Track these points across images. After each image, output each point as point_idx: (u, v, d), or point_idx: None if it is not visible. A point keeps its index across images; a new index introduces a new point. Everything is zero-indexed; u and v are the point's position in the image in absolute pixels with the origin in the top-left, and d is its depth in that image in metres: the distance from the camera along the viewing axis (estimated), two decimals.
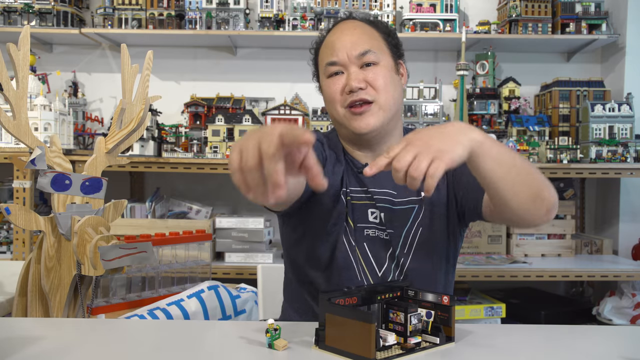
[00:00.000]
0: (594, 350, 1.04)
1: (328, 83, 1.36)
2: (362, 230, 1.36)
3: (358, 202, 1.37)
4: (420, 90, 3.04)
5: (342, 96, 1.34)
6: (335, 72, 1.35)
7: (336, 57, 1.34)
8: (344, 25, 1.40)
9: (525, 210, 1.16)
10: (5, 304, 1.61)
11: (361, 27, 1.38)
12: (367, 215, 1.37)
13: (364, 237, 1.36)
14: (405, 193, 1.38)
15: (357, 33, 1.36)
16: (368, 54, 1.33)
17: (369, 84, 1.32)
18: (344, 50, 1.33)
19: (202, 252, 1.97)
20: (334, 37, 1.37)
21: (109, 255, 1.45)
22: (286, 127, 0.79)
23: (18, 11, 3.01)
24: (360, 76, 1.32)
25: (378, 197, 1.37)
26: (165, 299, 1.60)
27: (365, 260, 1.35)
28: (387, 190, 1.38)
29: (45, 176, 1.51)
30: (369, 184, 1.38)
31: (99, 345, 1.03)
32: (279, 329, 0.99)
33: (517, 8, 3.04)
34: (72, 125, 2.86)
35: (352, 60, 1.33)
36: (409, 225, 1.36)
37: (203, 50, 3.31)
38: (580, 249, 3.04)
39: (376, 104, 1.32)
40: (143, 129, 1.74)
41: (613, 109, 2.84)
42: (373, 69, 1.33)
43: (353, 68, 1.33)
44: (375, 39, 1.37)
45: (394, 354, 0.96)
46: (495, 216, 1.28)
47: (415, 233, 1.36)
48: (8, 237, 2.74)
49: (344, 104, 1.33)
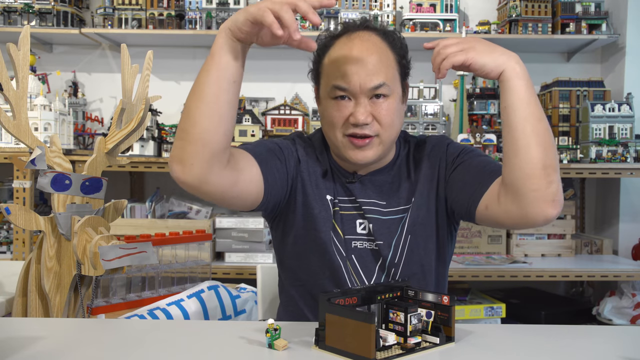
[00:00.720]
0: (594, 350, 1.04)
1: (332, 105, 1.28)
2: (350, 242, 1.34)
3: (346, 213, 1.35)
4: (420, 90, 3.04)
5: (344, 124, 1.27)
6: (342, 95, 1.26)
7: (347, 84, 1.25)
8: (358, 42, 1.27)
9: (533, 178, 1.11)
10: (5, 304, 1.61)
11: (378, 47, 1.28)
12: (355, 226, 1.34)
13: (352, 249, 1.34)
14: (394, 203, 1.35)
15: (373, 60, 1.25)
16: (381, 88, 1.25)
17: (375, 118, 1.26)
18: (357, 79, 1.24)
19: (202, 252, 1.97)
20: (347, 56, 1.25)
21: (109, 255, 1.45)
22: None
23: (18, 11, 3.01)
24: (369, 109, 1.25)
25: (366, 208, 1.34)
26: (165, 299, 1.60)
27: (355, 272, 1.33)
28: (375, 200, 1.35)
29: (45, 176, 1.51)
30: (357, 194, 1.35)
31: (99, 345, 1.03)
32: (279, 329, 0.99)
33: (517, 8, 3.04)
34: (72, 125, 2.86)
35: (363, 91, 1.24)
36: (398, 235, 1.33)
37: (203, 50, 3.31)
38: (580, 249, 3.04)
39: (378, 138, 1.27)
40: (143, 129, 1.74)
41: (613, 109, 2.84)
42: (382, 103, 1.26)
43: (363, 99, 1.25)
44: (390, 66, 1.29)
45: (394, 354, 0.96)
46: (493, 209, 1.20)
47: (404, 242, 1.33)
48: (8, 237, 2.74)
49: (344, 132, 1.27)
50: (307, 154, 1.38)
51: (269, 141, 1.35)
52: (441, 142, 1.39)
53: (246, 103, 3.16)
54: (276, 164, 1.29)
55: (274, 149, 1.32)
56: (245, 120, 2.89)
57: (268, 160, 1.27)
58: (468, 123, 2.96)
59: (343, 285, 1.32)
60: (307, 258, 1.36)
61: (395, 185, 1.36)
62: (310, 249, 1.35)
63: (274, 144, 1.34)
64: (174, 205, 3.01)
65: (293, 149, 1.36)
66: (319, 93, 1.35)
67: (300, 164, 1.35)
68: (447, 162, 1.35)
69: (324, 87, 1.31)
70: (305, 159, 1.36)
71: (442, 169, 1.35)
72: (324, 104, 1.32)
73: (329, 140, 1.35)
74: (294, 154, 1.35)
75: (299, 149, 1.37)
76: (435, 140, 1.41)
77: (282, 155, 1.32)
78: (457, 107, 2.97)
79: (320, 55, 1.33)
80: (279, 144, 1.34)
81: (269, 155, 1.29)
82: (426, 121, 3.02)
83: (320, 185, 1.35)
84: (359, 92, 1.25)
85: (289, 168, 1.32)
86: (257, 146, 1.30)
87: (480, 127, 3.03)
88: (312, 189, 1.35)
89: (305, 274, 1.38)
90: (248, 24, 1.06)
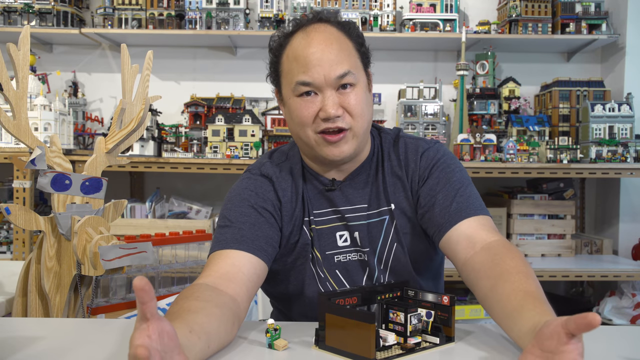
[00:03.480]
0: (594, 350, 1.04)
1: (298, 104, 1.21)
2: (332, 258, 1.28)
3: (325, 227, 1.28)
4: (420, 90, 3.04)
5: (314, 121, 1.20)
6: (307, 91, 1.19)
7: (311, 78, 1.18)
8: (315, 34, 1.20)
9: None
10: (5, 304, 1.61)
11: (336, 37, 1.21)
12: (335, 240, 1.28)
13: (334, 264, 1.28)
14: (376, 204, 1.29)
15: (334, 49, 1.19)
16: (347, 76, 1.19)
17: (345, 109, 1.19)
18: (321, 71, 1.17)
19: (202, 252, 1.97)
20: (307, 50, 1.18)
21: (109, 255, 1.45)
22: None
23: (18, 11, 3.01)
24: (337, 101, 1.19)
25: (350, 216, 1.28)
26: (165, 299, 1.60)
27: (340, 287, 1.27)
28: (359, 205, 1.29)
29: (45, 176, 1.51)
30: (338, 202, 1.29)
31: (99, 345, 1.03)
32: (279, 329, 0.99)
33: (517, 8, 3.04)
34: (72, 125, 2.86)
35: (329, 82, 1.18)
36: (382, 240, 1.28)
37: (203, 50, 3.31)
38: (580, 249, 3.04)
39: (351, 131, 1.21)
40: (143, 129, 1.74)
41: (613, 109, 2.85)
42: (350, 92, 1.20)
43: (329, 92, 1.18)
44: (351, 54, 1.22)
45: (394, 354, 0.96)
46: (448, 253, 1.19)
47: (390, 249, 1.28)
48: (8, 237, 2.74)
49: (316, 130, 1.20)
50: (282, 176, 1.30)
51: (247, 201, 1.25)
52: (415, 149, 1.31)
53: (246, 103, 3.16)
54: (264, 232, 1.21)
55: (257, 209, 1.24)
56: (245, 120, 2.89)
57: (257, 238, 1.19)
58: (468, 123, 2.96)
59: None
60: (285, 287, 1.32)
61: (375, 188, 1.31)
62: (287, 279, 1.30)
63: (252, 205, 1.24)
64: (174, 205, 3.01)
65: (269, 189, 1.28)
66: (282, 95, 1.27)
67: (282, 204, 1.28)
68: (420, 176, 1.28)
69: (287, 87, 1.23)
70: (283, 191, 1.28)
71: (414, 182, 1.28)
72: (288, 105, 1.24)
73: (300, 142, 1.26)
74: (272, 197, 1.27)
75: (273, 178, 1.29)
76: (411, 144, 1.33)
77: (266, 206, 1.25)
78: (457, 107, 2.97)
79: (277, 55, 1.26)
80: (260, 197, 1.26)
81: (255, 231, 1.20)
82: (426, 121, 3.02)
83: (295, 212, 1.28)
84: (325, 85, 1.18)
85: (275, 219, 1.26)
86: (241, 223, 1.21)
87: (480, 127, 3.03)
88: (287, 219, 1.28)
89: (283, 300, 1.36)
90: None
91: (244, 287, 1.11)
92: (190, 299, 0.98)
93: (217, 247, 1.18)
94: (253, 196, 1.26)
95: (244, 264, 1.14)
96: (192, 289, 1.03)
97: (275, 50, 1.26)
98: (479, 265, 1.08)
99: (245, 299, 1.10)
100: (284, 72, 1.24)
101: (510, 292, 0.96)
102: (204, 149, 2.96)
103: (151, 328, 0.72)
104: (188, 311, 0.93)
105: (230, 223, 1.22)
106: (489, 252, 1.09)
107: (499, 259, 1.05)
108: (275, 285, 1.33)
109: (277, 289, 1.35)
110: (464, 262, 1.13)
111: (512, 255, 1.05)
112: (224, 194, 1.37)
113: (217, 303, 0.99)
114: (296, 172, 1.31)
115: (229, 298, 1.04)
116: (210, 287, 1.05)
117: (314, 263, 1.28)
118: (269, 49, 1.29)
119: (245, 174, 1.32)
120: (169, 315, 0.93)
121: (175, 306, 0.97)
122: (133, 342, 0.70)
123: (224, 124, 2.90)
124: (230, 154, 2.84)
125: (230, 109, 3.04)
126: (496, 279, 1.01)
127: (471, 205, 1.19)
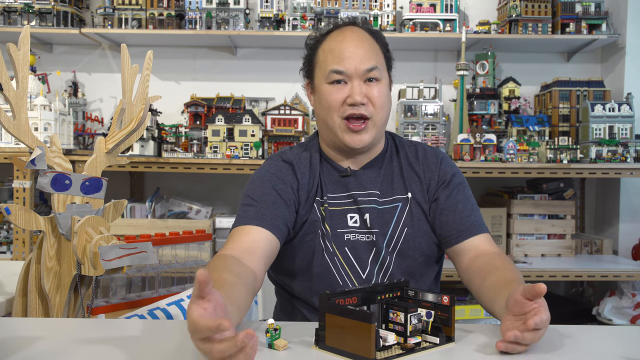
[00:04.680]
0: (594, 350, 1.04)
1: (329, 90, 1.36)
2: (342, 235, 1.38)
3: (337, 209, 1.39)
4: (420, 90, 3.04)
5: (342, 106, 1.35)
6: (338, 80, 1.35)
7: (344, 67, 1.34)
8: (349, 33, 1.39)
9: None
10: (5, 304, 1.61)
11: (367, 38, 1.39)
12: (346, 220, 1.38)
13: (344, 241, 1.37)
14: (389, 192, 1.42)
15: (365, 46, 1.36)
16: (374, 71, 1.35)
17: (369, 99, 1.35)
18: (353, 62, 1.34)
19: (202, 252, 1.97)
20: (342, 45, 1.36)
21: (109, 255, 1.45)
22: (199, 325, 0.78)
23: (18, 11, 3.01)
24: (364, 90, 1.34)
25: (362, 199, 1.39)
26: (165, 299, 1.60)
27: (349, 264, 1.37)
28: (371, 191, 1.41)
29: (45, 176, 1.51)
30: (352, 187, 1.41)
31: (99, 345, 1.03)
32: (279, 329, 0.99)
33: (517, 8, 3.04)
34: (72, 125, 2.86)
35: (358, 73, 1.34)
36: (394, 224, 1.39)
37: (203, 50, 3.31)
38: (580, 249, 3.04)
39: (372, 121, 1.36)
40: (143, 129, 1.74)
41: (613, 109, 2.85)
42: (375, 85, 1.36)
43: (357, 81, 1.34)
44: (379, 55, 1.39)
45: (394, 354, 0.96)
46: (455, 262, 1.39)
47: (400, 233, 1.38)
48: (8, 237, 2.74)
49: (342, 115, 1.35)
50: (301, 161, 1.42)
51: (269, 182, 1.37)
52: (435, 154, 1.47)
53: (246, 103, 3.16)
54: (282, 212, 1.33)
55: (277, 190, 1.36)
56: (245, 120, 2.89)
57: (275, 217, 1.31)
58: (468, 123, 2.96)
59: (332, 284, 1.35)
60: (293, 260, 1.39)
61: (388, 179, 1.43)
62: (296, 251, 1.38)
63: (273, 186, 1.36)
64: (174, 205, 3.01)
65: (290, 172, 1.40)
66: (313, 85, 1.43)
67: (299, 186, 1.39)
68: (440, 178, 1.43)
69: (320, 75, 1.39)
70: (301, 174, 1.40)
71: (433, 181, 1.43)
72: (319, 91, 1.39)
73: (325, 127, 1.40)
74: (292, 180, 1.39)
75: (294, 163, 1.41)
76: (429, 148, 1.49)
77: (285, 189, 1.37)
78: (457, 107, 2.97)
79: (313, 49, 1.43)
80: (280, 179, 1.38)
81: (274, 210, 1.32)
82: (426, 121, 3.02)
83: (311, 193, 1.40)
84: (355, 74, 1.34)
85: (293, 200, 1.37)
86: (262, 202, 1.33)
87: (480, 127, 3.03)
88: (304, 200, 1.39)
89: (291, 274, 1.41)
90: None
91: (262, 261, 1.24)
92: (225, 271, 1.10)
93: (240, 223, 1.31)
94: (274, 178, 1.38)
95: (262, 239, 1.27)
96: (224, 260, 1.16)
97: (311, 46, 1.44)
98: (476, 268, 1.29)
99: (262, 273, 1.24)
100: (319, 63, 1.40)
101: (494, 282, 1.18)
102: (204, 149, 2.96)
103: (206, 303, 0.81)
104: (226, 284, 1.04)
105: (252, 201, 1.34)
106: (485, 258, 1.30)
107: (492, 261, 1.28)
108: (283, 259, 1.40)
109: (283, 264, 1.41)
110: (467, 267, 1.33)
111: (502, 258, 1.29)
112: (224, 194, 1.40)
113: (245, 281, 1.12)
114: (314, 159, 1.44)
115: (252, 273, 1.17)
116: (237, 260, 1.18)
117: (323, 238, 1.37)
118: (306, 46, 1.46)
119: (267, 161, 1.45)
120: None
121: (214, 274, 1.07)
122: (191, 314, 0.80)
123: (224, 124, 2.90)
124: (230, 154, 2.84)
125: (230, 109, 3.04)
126: (486, 274, 1.23)
127: (483, 223, 1.40)
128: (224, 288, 1.01)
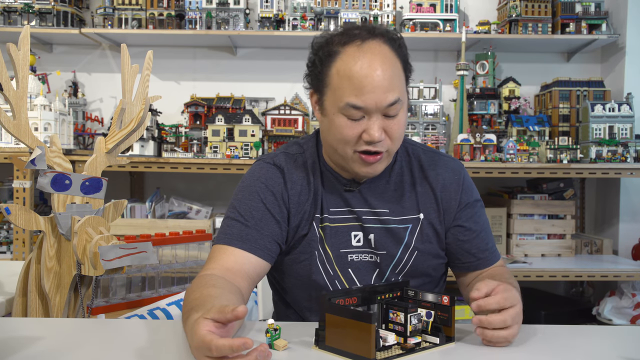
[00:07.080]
0: (594, 350, 1.04)
1: (344, 122, 1.20)
2: (346, 256, 1.29)
3: (339, 225, 1.29)
4: (420, 90, 3.04)
5: (357, 141, 1.21)
6: (355, 116, 1.19)
7: (363, 103, 1.17)
8: (370, 54, 1.18)
9: None
10: (5, 304, 1.61)
11: (389, 59, 1.20)
12: (349, 239, 1.29)
13: (347, 262, 1.29)
14: (399, 210, 1.31)
15: (388, 74, 1.18)
16: (396, 104, 1.19)
17: (387, 134, 1.21)
18: (374, 97, 1.16)
19: (202, 252, 1.97)
20: (362, 73, 1.16)
21: (109, 255, 1.45)
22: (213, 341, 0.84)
23: (18, 11, 3.01)
24: (382, 125, 1.20)
25: (367, 218, 1.29)
26: (165, 299, 1.60)
27: (351, 285, 1.29)
28: (378, 210, 1.30)
29: (45, 176, 1.51)
30: (354, 204, 1.30)
31: (99, 345, 1.03)
32: (279, 329, 0.99)
33: (517, 8, 3.04)
34: (72, 125, 2.86)
35: (379, 109, 1.18)
36: (404, 247, 1.29)
37: (203, 50, 3.31)
38: (580, 249, 3.04)
39: (387, 152, 1.24)
40: (143, 129, 1.74)
41: (613, 109, 2.84)
42: (394, 119, 1.21)
43: (376, 116, 1.19)
44: (401, 78, 1.23)
45: (394, 354, 0.96)
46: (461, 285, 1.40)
47: (410, 256, 1.30)
48: (8, 237, 2.74)
49: (356, 148, 1.22)
50: (294, 168, 1.32)
51: (257, 195, 1.27)
52: (456, 171, 1.35)
53: (246, 103, 3.16)
54: (270, 229, 1.25)
55: (266, 204, 1.27)
56: (245, 120, 2.89)
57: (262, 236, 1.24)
58: (468, 123, 2.96)
59: None
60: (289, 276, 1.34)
61: (399, 193, 1.32)
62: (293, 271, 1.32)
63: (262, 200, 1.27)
64: (174, 205, 3.01)
65: (279, 180, 1.30)
66: (322, 104, 1.25)
67: (289, 197, 1.29)
68: (461, 202, 1.33)
69: (333, 101, 1.21)
70: (292, 183, 1.30)
71: (453, 203, 1.32)
72: (331, 119, 1.22)
73: (334, 152, 1.27)
74: (281, 189, 1.29)
75: (285, 169, 1.31)
76: (450, 162, 1.36)
77: (275, 202, 1.28)
78: (457, 107, 2.97)
79: (325, 64, 1.22)
80: (270, 190, 1.28)
81: (261, 228, 1.24)
82: (426, 121, 3.02)
83: (305, 205, 1.30)
84: (375, 110, 1.18)
85: (282, 213, 1.28)
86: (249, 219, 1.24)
87: (480, 127, 3.03)
88: (298, 215, 1.30)
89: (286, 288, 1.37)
90: None
91: (246, 282, 1.19)
92: (207, 286, 1.06)
93: (223, 241, 1.24)
94: (263, 190, 1.28)
95: (245, 262, 1.21)
96: (205, 279, 1.12)
97: (322, 57, 1.23)
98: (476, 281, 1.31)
99: (247, 292, 1.18)
100: (332, 87, 1.21)
101: (481, 279, 1.25)
102: (204, 149, 2.95)
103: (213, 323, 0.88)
104: (210, 297, 1.01)
105: (239, 216, 1.26)
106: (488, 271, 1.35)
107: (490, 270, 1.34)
108: (280, 275, 1.36)
109: (278, 277, 1.38)
110: (469, 283, 1.35)
111: (498, 264, 1.34)
112: (224, 194, 1.39)
113: (230, 290, 1.09)
114: (311, 166, 1.33)
115: (237, 288, 1.13)
116: (220, 277, 1.13)
117: (322, 261, 1.29)
118: (312, 49, 1.27)
119: (259, 163, 1.34)
120: (192, 303, 1.01)
121: (196, 293, 1.05)
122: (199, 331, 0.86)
123: (224, 124, 2.90)
124: (230, 154, 2.84)
125: (230, 109, 3.04)
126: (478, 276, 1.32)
127: (497, 250, 1.39)
128: (210, 300, 0.99)
